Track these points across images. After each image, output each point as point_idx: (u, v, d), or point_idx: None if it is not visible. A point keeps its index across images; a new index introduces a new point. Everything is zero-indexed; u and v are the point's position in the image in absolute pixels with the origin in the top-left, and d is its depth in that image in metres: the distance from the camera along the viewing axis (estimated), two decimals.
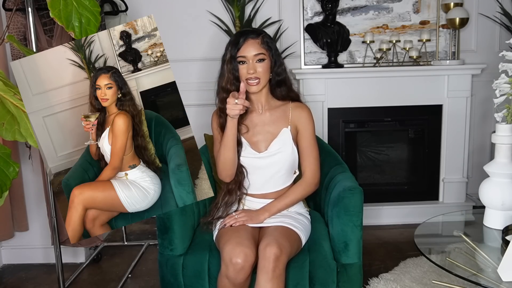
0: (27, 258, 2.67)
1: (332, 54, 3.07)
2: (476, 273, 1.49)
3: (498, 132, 1.73)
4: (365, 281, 2.26)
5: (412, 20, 3.15)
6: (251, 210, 1.84)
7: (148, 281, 2.44)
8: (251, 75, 1.75)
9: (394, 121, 3.15)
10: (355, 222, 1.75)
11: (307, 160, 1.87)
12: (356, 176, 3.19)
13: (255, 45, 1.76)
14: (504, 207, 1.73)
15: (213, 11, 3.10)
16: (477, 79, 3.13)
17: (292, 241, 1.70)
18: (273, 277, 1.57)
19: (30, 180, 2.61)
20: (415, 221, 2.23)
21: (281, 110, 1.87)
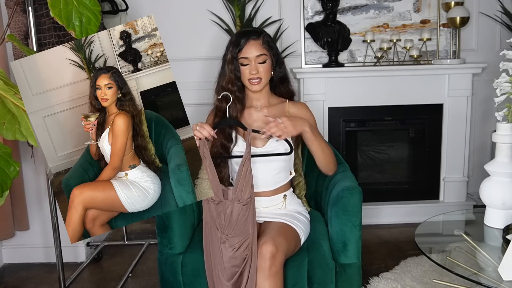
0: (27, 257, 2.68)
1: (333, 53, 3.07)
2: (477, 272, 1.49)
3: (499, 131, 1.73)
4: (366, 280, 2.26)
5: (412, 19, 3.15)
6: (294, 118, 1.75)
7: (149, 280, 2.44)
8: (254, 75, 1.78)
9: (395, 120, 3.15)
10: (354, 222, 1.74)
11: (316, 144, 1.80)
12: (357, 175, 3.19)
13: (257, 46, 1.78)
14: (505, 206, 1.73)
15: (214, 10, 3.10)
16: (477, 78, 3.13)
17: (289, 238, 1.70)
18: (269, 275, 1.57)
19: (31, 180, 2.61)
20: (416, 220, 2.22)
21: (279, 107, 1.89)
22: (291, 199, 1.90)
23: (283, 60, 1.91)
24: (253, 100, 1.89)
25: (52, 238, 2.02)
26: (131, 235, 3.01)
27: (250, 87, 1.81)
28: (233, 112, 1.83)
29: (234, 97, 1.81)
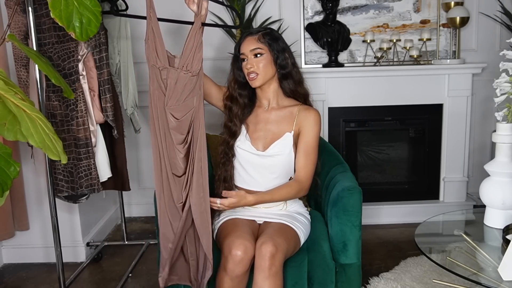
0: (27, 257, 2.68)
1: (333, 53, 3.07)
2: (477, 272, 1.49)
3: (499, 131, 1.74)
4: (366, 280, 2.26)
5: (412, 19, 3.15)
6: (240, 193, 1.75)
7: (149, 280, 2.44)
8: (249, 69, 1.80)
9: (395, 120, 3.15)
10: (353, 222, 1.74)
11: (304, 163, 1.81)
12: (357, 175, 3.19)
13: (252, 41, 1.81)
14: (505, 206, 1.73)
15: (214, 10, 3.10)
16: (477, 78, 3.13)
17: (289, 238, 1.70)
18: (269, 275, 1.57)
19: (31, 180, 2.61)
20: (416, 220, 2.22)
21: (288, 111, 1.86)
22: (292, 200, 1.90)
23: (289, 57, 1.85)
24: (261, 100, 1.90)
25: (52, 238, 2.02)
26: (131, 235, 3.01)
27: (250, 83, 1.82)
28: (235, 110, 1.86)
29: (236, 94, 1.87)
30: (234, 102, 1.88)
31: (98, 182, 2.15)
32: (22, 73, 2.15)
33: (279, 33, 1.91)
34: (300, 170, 1.82)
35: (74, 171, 2.13)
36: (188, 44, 1.60)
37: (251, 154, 1.83)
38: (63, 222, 2.56)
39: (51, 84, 2.04)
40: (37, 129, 1.07)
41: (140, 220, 3.34)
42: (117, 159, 2.44)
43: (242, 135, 1.86)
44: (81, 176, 2.12)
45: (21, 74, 2.15)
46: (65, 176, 2.14)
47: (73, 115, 2.08)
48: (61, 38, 2.05)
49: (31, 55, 1.29)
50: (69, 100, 2.07)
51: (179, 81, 1.58)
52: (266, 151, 1.83)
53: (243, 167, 1.86)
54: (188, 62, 1.58)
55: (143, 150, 3.32)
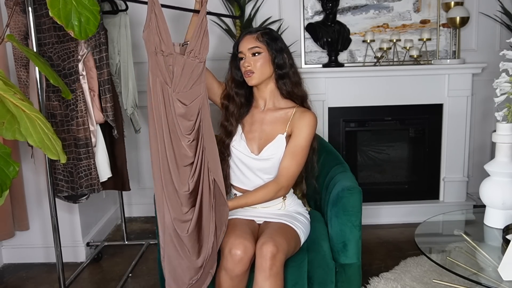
0: (27, 257, 2.68)
1: (333, 53, 3.07)
2: (477, 272, 1.49)
3: (499, 131, 1.73)
4: (366, 280, 2.26)
5: (412, 19, 3.15)
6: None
7: (149, 280, 2.44)
8: (246, 68, 1.80)
9: (395, 120, 3.14)
10: (353, 222, 1.74)
11: (288, 163, 1.77)
12: (357, 175, 3.19)
13: (250, 40, 1.81)
14: (505, 206, 1.73)
15: (214, 10, 3.10)
16: (477, 78, 3.13)
17: (289, 238, 1.70)
18: (270, 275, 1.57)
19: (31, 180, 2.61)
20: (416, 220, 2.22)
21: (284, 112, 1.85)
22: (291, 200, 1.90)
23: (287, 57, 1.84)
24: (258, 100, 1.90)
25: (52, 238, 2.02)
26: (131, 235, 3.01)
27: (246, 81, 1.83)
28: (232, 108, 1.87)
29: (233, 93, 1.88)
30: (231, 101, 1.88)
31: (98, 182, 2.15)
32: (22, 73, 2.15)
33: (278, 34, 1.91)
34: (282, 170, 1.79)
35: (74, 171, 2.13)
36: (195, 31, 1.60)
37: (246, 156, 1.83)
38: (63, 222, 2.56)
39: (51, 84, 2.04)
40: (36, 128, 1.06)
41: (140, 220, 3.34)
42: (117, 159, 2.44)
43: (237, 134, 1.86)
44: (81, 176, 2.12)
45: (21, 74, 2.15)
46: (65, 176, 2.14)
47: (73, 115, 2.08)
48: (61, 38, 2.05)
49: (29, 55, 1.29)
50: (69, 100, 2.07)
51: (186, 67, 1.59)
52: (259, 154, 1.82)
53: (238, 168, 1.86)
54: (196, 48, 1.59)
55: (143, 150, 3.32)
